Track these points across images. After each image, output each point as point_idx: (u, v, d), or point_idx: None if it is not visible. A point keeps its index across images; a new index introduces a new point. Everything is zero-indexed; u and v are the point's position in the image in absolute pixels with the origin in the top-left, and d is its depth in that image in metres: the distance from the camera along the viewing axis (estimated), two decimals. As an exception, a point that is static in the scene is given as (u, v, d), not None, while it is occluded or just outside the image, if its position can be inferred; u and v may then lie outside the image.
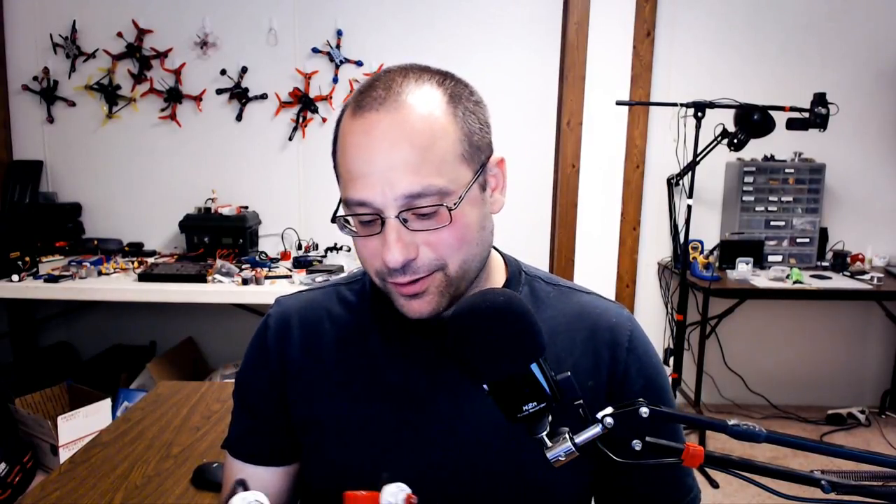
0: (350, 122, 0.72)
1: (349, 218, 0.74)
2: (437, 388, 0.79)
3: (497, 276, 0.85)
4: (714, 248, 3.32)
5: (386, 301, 0.83)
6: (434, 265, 0.72)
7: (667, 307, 3.46)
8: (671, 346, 3.21)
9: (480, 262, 0.77)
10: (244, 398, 0.90)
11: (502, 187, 0.81)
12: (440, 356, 0.80)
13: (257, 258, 3.13)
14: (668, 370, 3.14)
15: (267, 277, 2.82)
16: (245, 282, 2.76)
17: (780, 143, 3.24)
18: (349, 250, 3.32)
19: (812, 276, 3.16)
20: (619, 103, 3.10)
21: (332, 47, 3.31)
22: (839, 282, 3.10)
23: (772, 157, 3.32)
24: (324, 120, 3.38)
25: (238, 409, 0.91)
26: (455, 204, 0.70)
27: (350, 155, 0.72)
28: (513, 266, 0.88)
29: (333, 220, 0.75)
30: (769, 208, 3.28)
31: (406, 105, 0.70)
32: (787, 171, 3.27)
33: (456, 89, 0.74)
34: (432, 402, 0.79)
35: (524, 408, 0.58)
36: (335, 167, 0.77)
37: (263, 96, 3.36)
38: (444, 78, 0.75)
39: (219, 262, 2.95)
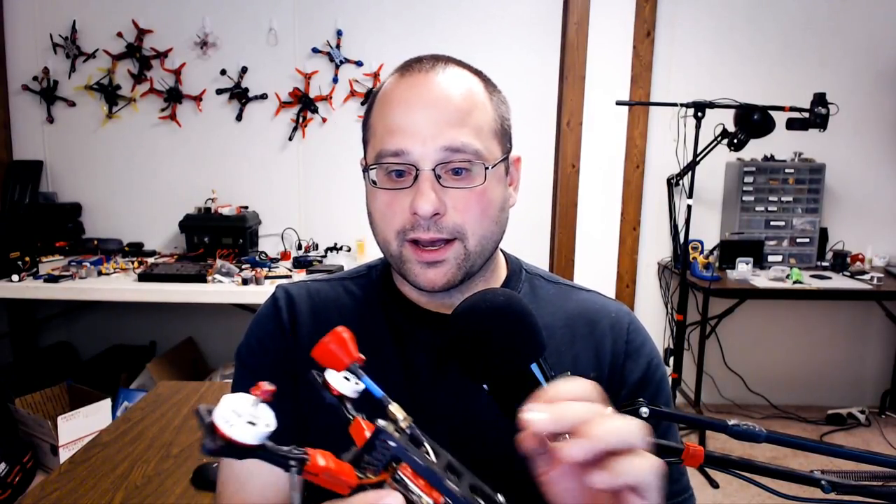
0: (395, 82, 0.77)
1: (376, 171, 0.76)
2: (439, 384, 0.79)
3: (499, 272, 0.87)
4: (714, 248, 3.32)
5: (394, 295, 0.83)
6: (456, 230, 0.74)
7: (667, 307, 3.46)
8: (671, 346, 3.21)
9: (494, 245, 0.80)
10: (254, 372, 0.83)
11: (517, 185, 0.85)
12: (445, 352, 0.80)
13: (257, 258, 3.13)
14: (668, 370, 3.14)
15: (267, 277, 2.82)
16: (245, 282, 2.76)
17: (780, 143, 3.24)
18: (349, 250, 3.32)
19: (812, 276, 3.16)
20: (619, 103, 3.10)
21: (332, 47, 3.31)
22: (839, 282, 3.10)
23: (772, 157, 3.32)
24: (324, 120, 3.38)
25: (240, 391, 0.85)
26: (491, 165, 0.75)
27: (393, 108, 0.75)
28: (513, 263, 0.89)
29: (366, 170, 0.78)
30: (769, 208, 3.28)
31: (451, 75, 0.76)
32: (787, 171, 3.27)
33: (490, 83, 0.82)
34: (434, 398, 0.79)
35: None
36: (366, 129, 0.80)
37: (263, 96, 3.36)
38: (479, 72, 0.82)
39: (219, 262, 2.95)
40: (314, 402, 0.81)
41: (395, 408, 0.46)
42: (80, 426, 2.53)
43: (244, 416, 0.36)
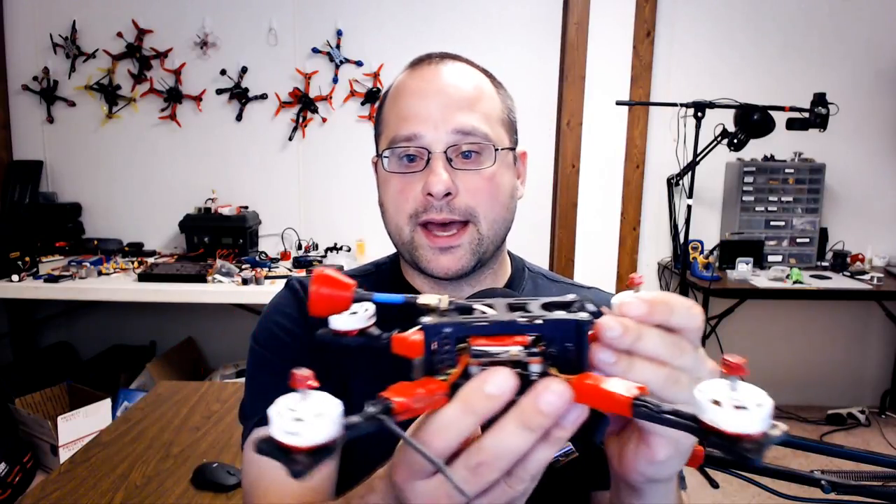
0: (408, 75, 0.80)
1: (388, 159, 0.77)
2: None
3: (505, 269, 0.89)
4: (714, 248, 3.32)
5: (403, 291, 0.83)
6: (469, 212, 0.75)
7: (667, 307, 3.45)
8: (671, 346, 3.20)
9: (505, 231, 0.81)
10: (278, 353, 0.81)
11: (523, 178, 0.86)
12: None
13: (257, 258, 3.13)
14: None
15: (267, 277, 2.82)
16: (245, 282, 2.76)
17: (780, 143, 3.24)
18: (349, 250, 3.32)
19: (812, 276, 3.16)
20: (619, 103, 3.10)
21: (332, 47, 3.31)
22: (839, 282, 3.10)
23: (772, 157, 3.32)
24: (324, 120, 3.38)
25: (262, 374, 0.82)
26: (500, 148, 0.77)
27: (405, 98, 0.78)
28: (517, 262, 0.91)
29: (377, 158, 0.80)
30: (769, 208, 3.28)
31: (459, 68, 0.80)
32: (787, 171, 3.27)
33: (495, 80, 0.84)
34: None
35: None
36: (378, 124, 0.83)
37: (263, 96, 3.36)
38: (485, 70, 0.84)
39: (219, 262, 2.95)
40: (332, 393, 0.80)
41: (424, 298, 0.42)
42: (80, 426, 2.53)
43: (307, 416, 0.31)
